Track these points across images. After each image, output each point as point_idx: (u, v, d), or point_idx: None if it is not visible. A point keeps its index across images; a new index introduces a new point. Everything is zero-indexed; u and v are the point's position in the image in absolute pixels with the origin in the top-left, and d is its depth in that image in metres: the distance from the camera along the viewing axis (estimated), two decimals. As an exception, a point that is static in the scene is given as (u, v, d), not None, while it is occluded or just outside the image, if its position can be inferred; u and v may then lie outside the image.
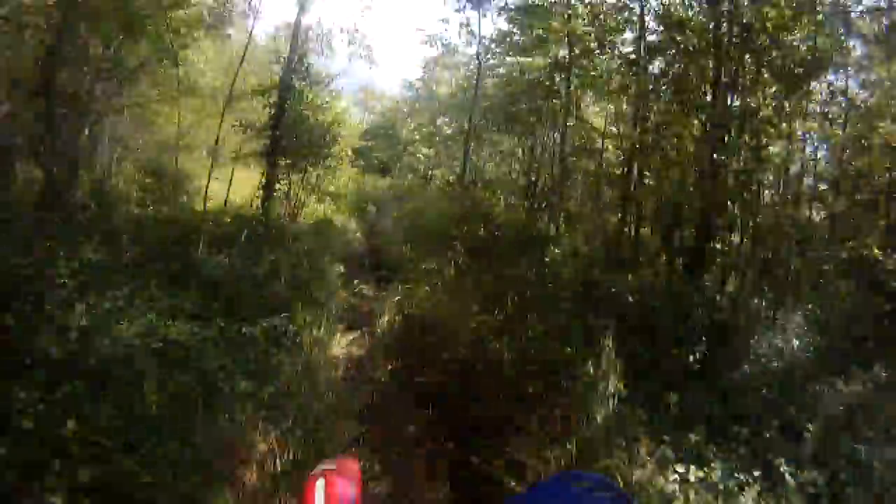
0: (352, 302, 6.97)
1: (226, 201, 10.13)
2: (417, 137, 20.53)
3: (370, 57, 10.51)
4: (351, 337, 5.21)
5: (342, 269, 7.84)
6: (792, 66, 7.62)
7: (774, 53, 7.69)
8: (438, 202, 14.64)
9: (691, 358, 4.43)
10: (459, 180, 13.60)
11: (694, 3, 8.56)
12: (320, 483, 0.93)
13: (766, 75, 7.92)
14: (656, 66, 10.00)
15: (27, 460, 2.38)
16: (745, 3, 7.45)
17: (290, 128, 8.81)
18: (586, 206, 14.15)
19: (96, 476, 2.41)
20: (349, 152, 12.48)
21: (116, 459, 2.52)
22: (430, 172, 20.57)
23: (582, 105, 13.88)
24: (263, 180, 8.60)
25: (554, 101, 13.06)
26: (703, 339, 4.80)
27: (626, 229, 9.01)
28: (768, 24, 7.25)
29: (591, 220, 13.28)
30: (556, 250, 6.80)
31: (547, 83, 13.15)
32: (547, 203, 14.23)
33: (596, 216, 12.55)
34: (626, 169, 10.81)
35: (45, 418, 2.56)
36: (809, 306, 6.20)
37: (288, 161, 9.91)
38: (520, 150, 15.15)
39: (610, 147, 11.77)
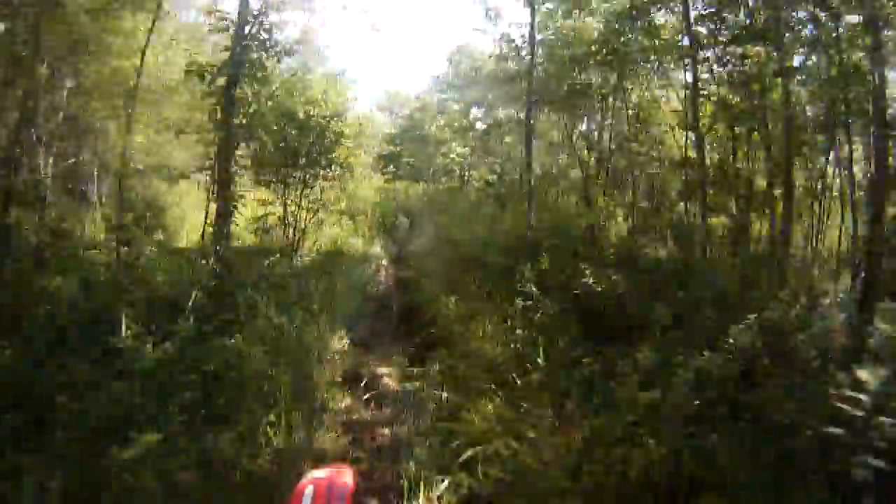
0: (356, 417, 4.07)
1: (203, 234, 7.62)
2: (449, 135, 17.87)
3: (372, 23, 7.66)
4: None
5: (346, 341, 5.06)
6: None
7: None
8: (481, 208, 11.79)
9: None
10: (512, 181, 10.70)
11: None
12: (308, 491, 0.89)
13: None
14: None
15: None
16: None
17: (248, 124, 5.95)
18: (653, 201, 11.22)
19: None
20: (362, 155, 9.65)
21: None
22: (466, 174, 18.15)
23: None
24: (213, 207, 5.87)
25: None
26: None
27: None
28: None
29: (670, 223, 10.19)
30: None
31: (603, 49, 10.29)
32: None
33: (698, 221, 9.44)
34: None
35: None
36: None
37: (280, 176, 7.23)
38: (569, 137, 12.26)
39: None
